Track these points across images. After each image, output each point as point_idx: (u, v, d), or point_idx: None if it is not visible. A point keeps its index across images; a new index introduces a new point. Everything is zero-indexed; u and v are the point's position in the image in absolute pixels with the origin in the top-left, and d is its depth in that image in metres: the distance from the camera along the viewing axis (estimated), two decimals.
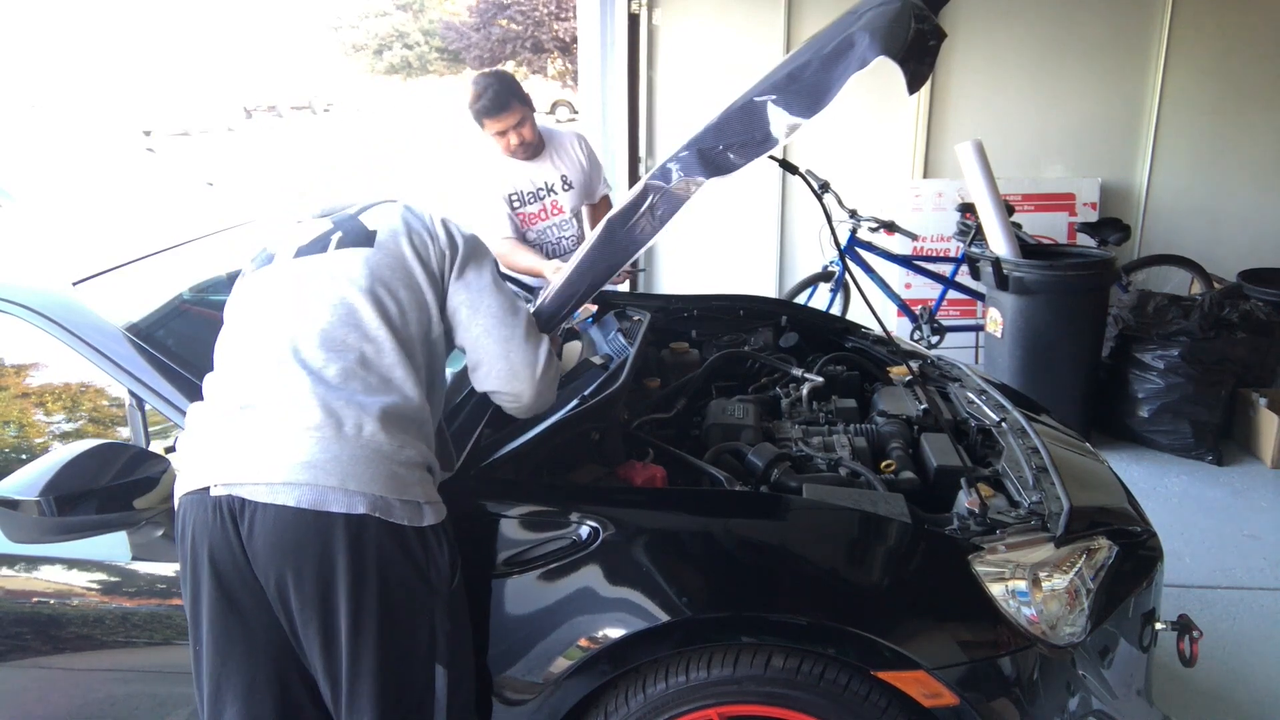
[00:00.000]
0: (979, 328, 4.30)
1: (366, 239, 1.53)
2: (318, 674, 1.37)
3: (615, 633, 1.43)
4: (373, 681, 1.35)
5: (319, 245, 1.54)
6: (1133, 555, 1.67)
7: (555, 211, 2.87)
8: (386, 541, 1.34)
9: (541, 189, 2.86)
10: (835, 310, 4.26)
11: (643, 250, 1.65)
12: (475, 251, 1.59)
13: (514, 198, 2.84)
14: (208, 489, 1.34)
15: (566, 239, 2.91)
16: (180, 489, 1.39)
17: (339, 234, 1.55)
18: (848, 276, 4.22)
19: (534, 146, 2.79)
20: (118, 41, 20.73)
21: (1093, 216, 4.67)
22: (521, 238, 2.86)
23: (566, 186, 2.87)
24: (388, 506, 1.35)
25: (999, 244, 3.71)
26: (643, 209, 1.61)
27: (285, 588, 1.33)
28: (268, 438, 1.35)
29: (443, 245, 1.56)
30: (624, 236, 1.62)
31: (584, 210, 3.03)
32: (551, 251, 2.90)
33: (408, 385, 1.43)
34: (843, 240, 4.20)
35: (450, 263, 1.55)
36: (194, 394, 1.61)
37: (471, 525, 1.52)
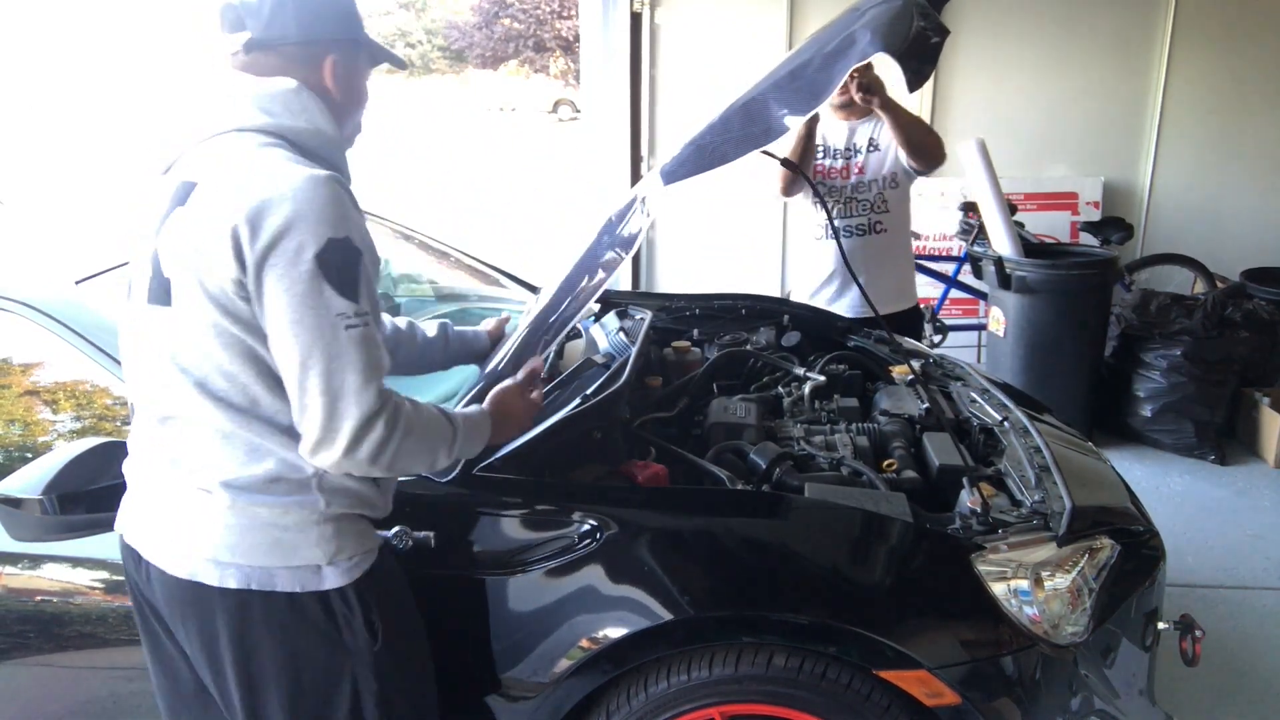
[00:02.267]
0: (981, 327, 4.30)
1: (165, 293, 1.18)
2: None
3: (617, 631, 1.43)
4: None
5: (140, 289, 1.23)
6: (1135, 555, 1.67)
7: (857, 171, 2.88)
8: (274, 614, 1.22)
9: (850, 149, 2.88)
10: None
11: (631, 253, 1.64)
12: (271, 254, 1.11)
13: (819, 148, 2.87)
14: (126, 540, 1.34)
15: (861, 199, 2.88)
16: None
17: (149, 274, 1.21)
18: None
19: (860, 107, 2.79)
20: (119, 40, 20.77)
21: (1095, 215, 4.67)
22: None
23: (872, 149, 2.86)
24: (269, 577, 1.21)
25: (1002, 243, 3.70)
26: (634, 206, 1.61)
27: (183, 642, 1.30)
28: (152, 496, 1.28)
29: (234, 274, 1.12)
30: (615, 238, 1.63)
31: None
32: (845, 212, 2.89)
33: (279, 448, 1.20)
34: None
35: (251, 288, 1.13)
36: None
37: (474, 525, 1.52)
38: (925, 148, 2.75)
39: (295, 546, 1.22)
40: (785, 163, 2.59)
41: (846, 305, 2.91)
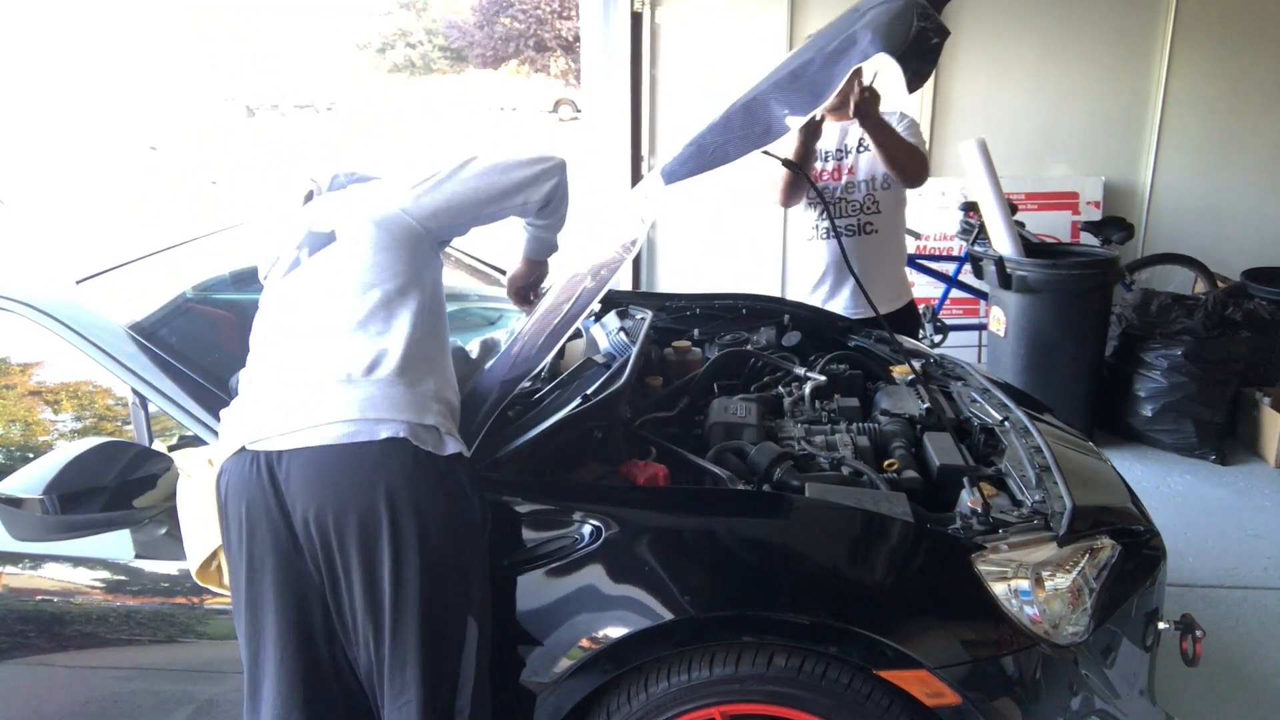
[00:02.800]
0: (982, 326, 4.30)
1: (329, 239, 1.60)
2: (358, 621, 1.39)
3: (617, 631, 1.43)
4: (415, 620, 1.37)
5: (298, 255, 1.63)
6: (1135, 554, 1.67)
7: (848, 172, 2.88)
8: (416, 467, 1.39)
9: (841, 150, 2.89)
10: None
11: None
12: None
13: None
14: (243, 449, 1.40)
15: (851, 200, 2.88)
16: (220, 458, 1.44)
17: (307, 244, 1.63)
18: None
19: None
20: (118, 43, 20.77)
21: (1096, 215, 4.66)
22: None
23: (863, 149, 2.86)
24: (412, 430, 1.40)
25: (1002, 243, 3.70)
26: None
27: (326, 530, 1.36)
28: (291, 393, 1.43)
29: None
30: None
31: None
32: (835, 212, 2.88)
33: (401, 331, 1.48)
34: None
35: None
36: (197, 392, 1.62)
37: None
38: (907, 167, 2.75)
39: (423, 410, 1.44)
40: (786, 163, 2.59)
41: (840, 305, 2.91)
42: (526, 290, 1.96)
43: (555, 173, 1.69)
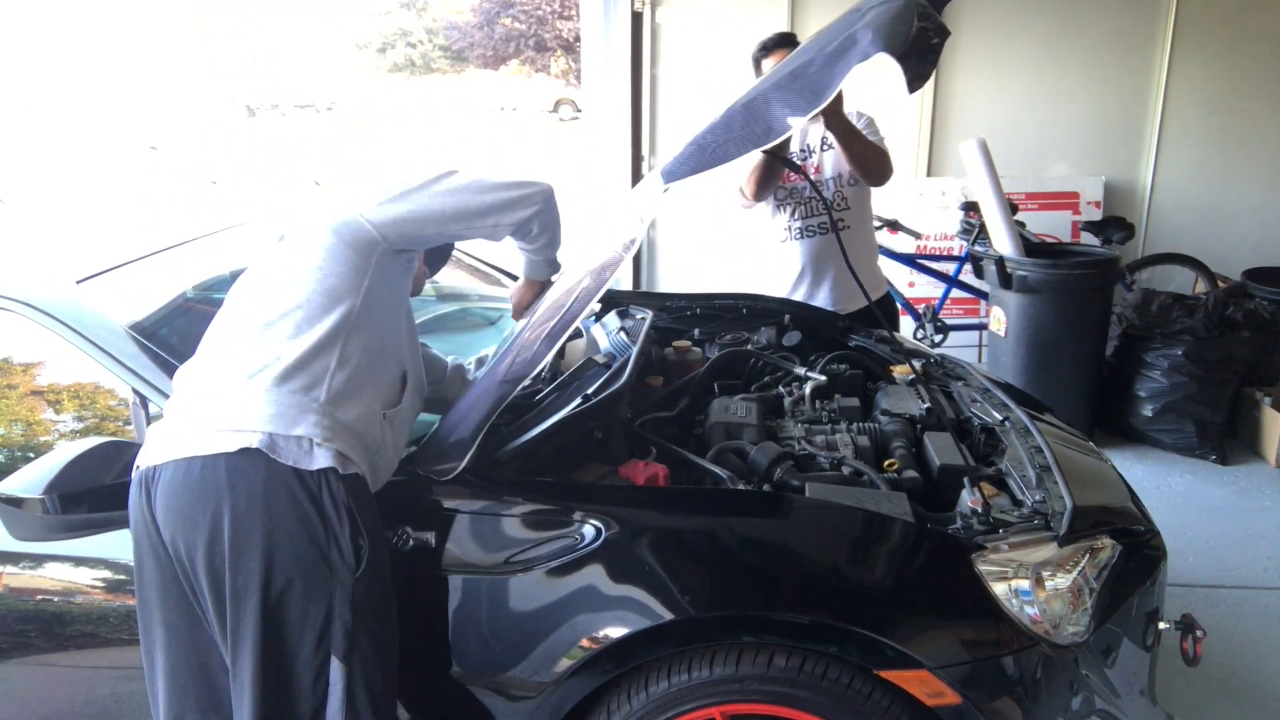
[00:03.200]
0: (982, 326, 4.30)
1: (279, 238, 1.63)
2: (219, 641, 1.35)
3: (617, 631, 1.43)
4: (251, 656, 1.31)
5: (259, 253, 1.67)
6: (1136, 554, 1.67)
7: (814, 171, 2.88)
8: (265, 487, 1.30)
9: (805, 150, 2.90)
10: None
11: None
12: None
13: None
14: (140, 469, 1.38)
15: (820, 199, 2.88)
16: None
17: (269, 241, 1.66)
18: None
19: None
20: (119, 43, 20.79)
21: (1097, 215, 4.66)
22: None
23: (826, 147, 2.86)
24: (270, 442, 1.32)
25: (1003, 242, 3.70)
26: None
27: (182, 556, 1.32)
28: (174, 411, 1.40)
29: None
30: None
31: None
32: (806, 212, 2.88)
33: (310, 336, 1.42)
34: None
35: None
36: None
37: (475, 525, 1.52)
38: (873, 168, 2.75)
39: (294, 420, 1.34)
40: (787, 163, 2.59)
41: (820, 302, 2.92)
42: (529, 308, 1.91)
43: (535, 201, 1.62)
